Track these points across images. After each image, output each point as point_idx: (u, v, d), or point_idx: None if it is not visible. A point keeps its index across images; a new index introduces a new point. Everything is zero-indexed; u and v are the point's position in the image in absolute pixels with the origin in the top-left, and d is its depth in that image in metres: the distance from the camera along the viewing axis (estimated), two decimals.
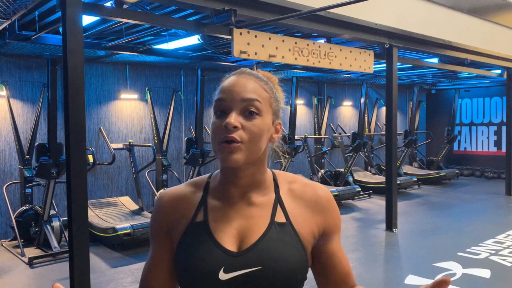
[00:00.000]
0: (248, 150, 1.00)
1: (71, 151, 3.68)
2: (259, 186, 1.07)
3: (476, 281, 4.68)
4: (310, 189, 1.11)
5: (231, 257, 1.00)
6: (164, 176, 7.69)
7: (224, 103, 1.01)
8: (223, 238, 1.02)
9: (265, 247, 1.00)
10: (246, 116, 1.00)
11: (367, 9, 5.72)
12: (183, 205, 1.10)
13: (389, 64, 6.84)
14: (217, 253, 1.00)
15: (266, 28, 5.71)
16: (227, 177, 1.07)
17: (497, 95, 12.97)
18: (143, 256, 5.76)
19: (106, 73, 7.78)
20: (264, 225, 1.03)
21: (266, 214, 1.05)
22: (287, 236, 1.03)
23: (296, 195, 1.10)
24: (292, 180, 1.13)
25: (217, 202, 1.08)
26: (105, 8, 4.22)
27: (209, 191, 1.10)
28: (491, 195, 10.18)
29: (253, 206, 1.06)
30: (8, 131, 6.63)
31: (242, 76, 1.04)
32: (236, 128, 0.98)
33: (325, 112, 10.68)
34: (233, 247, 1.01)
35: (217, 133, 1.00)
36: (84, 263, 3.73)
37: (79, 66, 3.70)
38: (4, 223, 6.66)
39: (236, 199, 1.06)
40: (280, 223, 1.04)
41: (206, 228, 1.04)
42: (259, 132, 1.01)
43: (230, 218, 1.05)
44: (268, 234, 1.02)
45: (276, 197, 1.08)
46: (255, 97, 1.01)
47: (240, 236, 1.03)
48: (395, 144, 7.00)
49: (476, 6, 7.85)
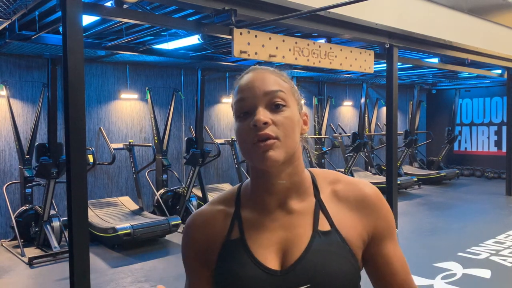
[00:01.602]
0: (285, 145, 0.90)
1: (71, 151, 3.68)
2: (297, 190, 0.97)
3: (476, 281, 4.67)
4: (356, 188, 1.00)
5: (276, 277, 0.90)
6: (164, 176, 7.70)
7: (246, 103, 0.93)
8: (263, 256, 0.92)
9: (311, 261, 0.90)
10: (273, 110, 0.92)
11: (367, 9, 5.72)
12: (214, 226, 0.99)
13: (390, 64, 6.83)
14: (259, 274, 0.91)
15: (266, 28, 5.71)
16: (261, 184, 0.96)
17: (498, 95, 12.96)
18: (143, 256, 5.76)
19: (106, 73, 7.77)
20: (307, 236, 0.93)
21: (307, 222, 0.95)
22: (334, 246, 0.93)
23: (340, 197, 0.99)
24: (333, 180, 1.02)
25: (252, 214, 0.97)
26: (105, 8, 4.21)
27: (241, 203, 1.00)
28: (492, 195, 10.17)
29: (292, 214, 0.96)
30: (8, 131, 6.63)
31: (257, 71, 0.97)
32: (266, 124, 0.89)
33: (325, 112, 10.68)
34: (275, 265, 0.92)
35: (246, 136, 0.91)
36: (84, 263, 3.72)
37: (79, 66, 3.69)
38: (4, 223, 6.66)
39: (273, 208, 0.96)
40: (324, 232, 0.94)
41: (243, 245, 0.94)
42: (291, 124, 0.92)
43: (268, 231, 0.95)
44: (313, 246, 0.92)
45: (316, 201, 0.98)
46: (278, 88, 0.93)
47: (282, 251, 0.93)
48: (395, 144, 6.99)
49: (476, 6, 7.84)
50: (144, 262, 5.52)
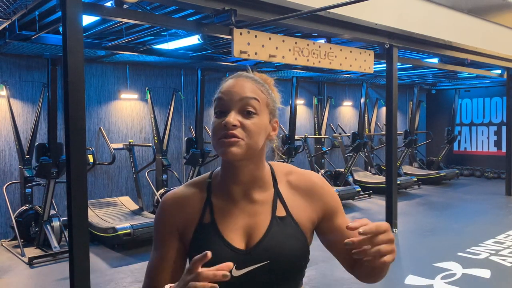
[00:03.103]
0: (246, 146, 1.06)
1: (71, 151, 3.68)
2: (258, 183, 1.14)
3: (476, 281, 4.68)
4: (305, 178, 1.19)
5: (241, 255, 1.08)
6: (164, 176, 7.69)
7: (223, 102, 1.08)
8: (231, 237, 1.10)
9: (270, 242, 1.09)
10: (244, 115, 1.07)
11: (367, 9, 5.72)
12: (188, 207, 1.15)
13: (389, 64, 6.83)
14: (228, 253, 1.08)
15: (266, 28, 5.71)
16: (228, 175, 1.13)
17: (497, 95, 12.96)
18: (143, 256, 5.75)
19: (106, 73, 7.78)
20: (267, 222, 1.11)
21: (267, 210, 1.13)
22: (288, 229, 1.11)
23: (293, 186, 1.18)
24: (288, 171, 1.20)
25: (221, 202, 1.14)
26: (105, 8, 4.21)
27: (212, 190, 1.16)
28: (491, 195, 10.18)
29: (255, 203, 1.13)
30: (8, 131, 6.63)
31: (240, 79, 1.12)
32: (235, 126, 1.05)
33: (325, 112, 10.68)
34: (241, 245, 1.10)
35: (217, 131, 1.07)
36: (84, 263, 3.73)
37: (79, 66, 3.69)
38: (4, 223, 6.66)
39: (238, 198, 1.13)
40: (281, 217, 1.13)
41: (215, 229, 1.11)
42: (257, 130, 1.07)
43: (235, 217, 1.12)
44: (272, 230, 1.10)
45: (275, 192, 1.16)
46: (253, 95, 1.08)
47: (246, 234, 1.11)
48: (395, 144, 7.00)
49: (476, 6, 7.84)
50: (144, 262, 5.52)
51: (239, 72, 1.15)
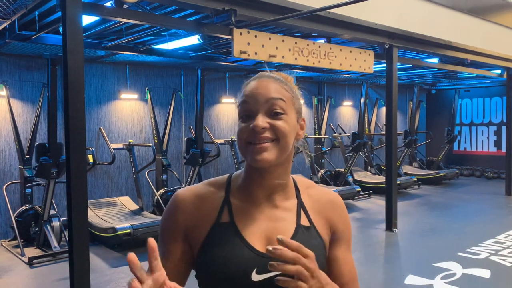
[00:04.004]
0: (278, 149, 1.02)
1: (71, 151, 3.68)
2: (283, 188, 1.09)
3: (476, 281, 4.68)
4: (325, 193, 1.17)
5: (263, 258, 0.98)
6: (164, 176, 7.69)
7: (248, 106, 1.04)
8: (252, 239, 1.03)
9: None
10: (272, 116, 1.02)
11: (367, 9, 5.72)
12: (205, 205, 1.08)
13: (389, 64, 6.84)
14: (248, 254, 1.00)
15: (266, 28, 5.71)
16: (253, 178, 1.07)
17: (497, 95, 12.96)
18: (143, 256, 5.72)
19: (106, 73, 7.78)
20: (291, 229, 1.06)
21: (291, 217, 1.08)
22: (313, 240, 1.07)
23: (314, 200, 1.14)
24: (308, 185, 1.17)
25: (241, 203, 1.08)
26: (105, 8, 4.22)
27: (231, 191, 1.10)
28: (491, 195, 10.18)
29: (278, 208, 1.08)
30: (8, 131, 6.63)
31: (263, 80, 1.07)
32: (264, 129, 1.00)
33: (325, 112, 10.68)
34: (263, 249, 1.01)
35: (245, 136, 1.02)
36: (84, 263, 3.73)
37: (79, 66, 3.69)
38: (4, 223, 6.66)
39: (261, 201, 1.08)
40: (305, 227, 1.08)
41: (234, 228, 1.04)
42: (288, 129, 1.03)
43: (256, 219, 1.06)
44: (297, 238, 1.04)
45: (298, 201, 1.12)
46: (278, 96, 1.04)
47: (267, 239, 1.03)
48: (395, 144, 7.00)
49: (476, 6, 7.85)
50: (144, 262, 5.50)
51: (260, 72, 1.10)
